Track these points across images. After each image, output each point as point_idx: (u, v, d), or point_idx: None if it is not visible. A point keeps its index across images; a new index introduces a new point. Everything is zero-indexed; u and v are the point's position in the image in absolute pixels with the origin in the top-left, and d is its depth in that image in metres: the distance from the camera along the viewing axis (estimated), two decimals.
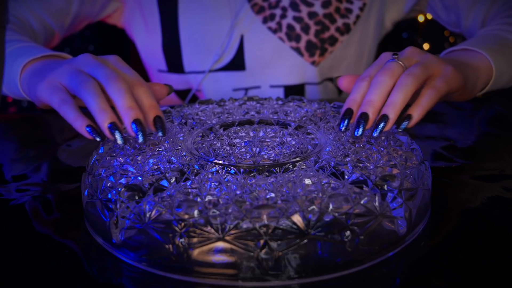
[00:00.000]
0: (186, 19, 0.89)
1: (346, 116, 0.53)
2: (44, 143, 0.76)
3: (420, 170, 0.48)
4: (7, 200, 0.57)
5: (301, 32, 0.89)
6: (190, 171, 0.48)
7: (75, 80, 0.53)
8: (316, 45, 0.89)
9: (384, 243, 0.44)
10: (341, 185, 0.44)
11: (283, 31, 0.89)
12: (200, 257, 0.41)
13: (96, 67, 0.53)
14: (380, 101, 0.53)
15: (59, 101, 0.53)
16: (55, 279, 0.44)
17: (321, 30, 0.89)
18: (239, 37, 0.89)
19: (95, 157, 0.52)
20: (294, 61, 0.90)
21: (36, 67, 0.63)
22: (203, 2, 0.88)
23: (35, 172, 0.65)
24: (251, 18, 0.89)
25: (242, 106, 0.65)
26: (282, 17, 0.89)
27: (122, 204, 0.44)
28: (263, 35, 0.89)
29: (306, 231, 0.40)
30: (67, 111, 0.52)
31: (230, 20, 0.88)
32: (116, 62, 0.56)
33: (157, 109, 0.53)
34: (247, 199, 0.42)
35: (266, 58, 0.90)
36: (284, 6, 0.89)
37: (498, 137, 0.74)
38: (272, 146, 0.52)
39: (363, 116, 0.52)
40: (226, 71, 0.91)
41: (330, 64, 0.92)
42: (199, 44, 0.89)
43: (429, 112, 0.55)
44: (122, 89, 0.51)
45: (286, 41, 0.89)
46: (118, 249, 0.45)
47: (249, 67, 0.91)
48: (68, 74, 0.54)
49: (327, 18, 0.89)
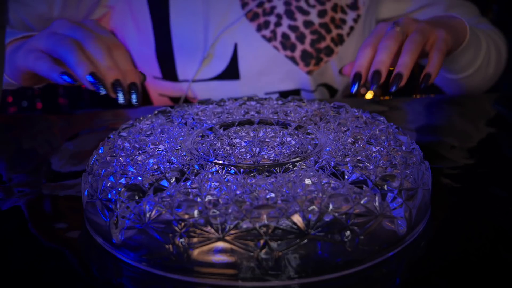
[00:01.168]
0: (178, 27, 0.87)
1: (356, 79, 0.60)
2: (44, 143, 0.76)
3: (420, 170, 0.48)
4: (7, 200, 0.57)
5: (296, 41, 0.88)
6: (190, 171, 0.48)
7: (51, 39, 0.53)
8: (312, 54, 0.88)
9: (384, 243, 0.44)
10: (341, 185, 0.44)
11: (277, 40, 0.88)
12: (200, 257, 0.41)
13: (74, 29, 0.54)
14: (389, 62, 0.60)
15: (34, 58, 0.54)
16: (55, 279, 0.44)
17: (317, 39, 0.88)
18: (233, 45, 0.88)
19: (95, 157, 0.52)
20: (289, 69, 0.89)
21: (16, 45, 0.64)
22: (195, 10, 0.87)
23: (35, 172, 0.65)
24: (245, 26, 0.87)
25: (242, 106, 0.65)
26: (277, 25, 0.87)
27: (122, 204, 0.44)
28: (258, 44, 0.88)
29: (306, 231, 0.40)
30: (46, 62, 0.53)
31: (223, 27, 0.87)
32: (93, 25, 0.56)
33: (134, 74, 0.53)
34: (247, 199, 0.42)
35: (261, 66, 0.89)
36: (279, 13, 0.87)
37: (498, 137, 0.74)
38: (272, 146, 0.52)
39: (376, 74, 0.59)
40: (221, 80, 0.89)
41: (324, 71, 0.91)
42: (192, 52, 0.88)
43: (429, 112, 0.55)
44: (100, 48, 0.51)
45: (281, 50, 0.88)
46: (118, 249, 0.45)
47: (243, 76, 0.89)
48: (44, 37, 0.54)
49: (323, 27, 0.88)
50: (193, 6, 0.86)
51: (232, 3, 0.87)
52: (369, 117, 0.59)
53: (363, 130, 0.55)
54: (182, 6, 0.87)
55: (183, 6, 0.87)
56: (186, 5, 0.87)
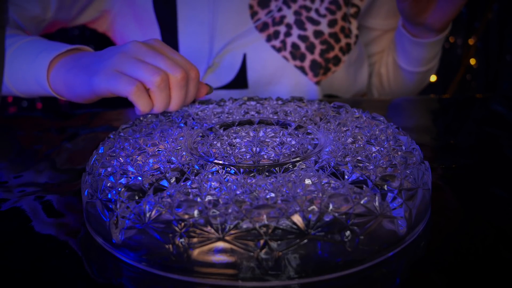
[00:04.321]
0: (185, 36, 0.87)
1: None
2: (44, 143, 0.76)
3: (420, 170, 0.48)
4: (7, 200, 0.57)
5: (306, 51, 0.87)
6: (190, 171, 0.48)
7: (142, 71, 0.54)
8: (321, 64, 0.88)
9: (384, 243, 0.44)
10: (341, 185, 0.44)
11: (287, 50, 0.87)
12: (200, 257, 0.41)
13: (154, 56, 0.56)
14: None
15: (134, 88, 0.54)
16: (55, 279, 0.44)
17: (326, 49, 0.88)
18: (242, 55, 0.88)
19: (95, 157, 0.52)
20: (298, 80, 0.89)
21: (69, 62, 0.62)
22: (203, 20, 0.86)
23: (35, 172, 0.65)
24: (254, 36, 0.87)
25: (242, 106, 0.65)
26: (287, 35, 0.87)
27: (122, 204, 0.44)
28: (267, 54, 0.87)
29: (306, 231, 0.40)
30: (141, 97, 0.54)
31: (231, 38, 0.86)
32: (162, 45, 0.59)
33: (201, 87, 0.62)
34: (247, 199, 0.42)
35: (269, 76, 0.89)
36: (289, 23, 0.87)
37: (498, 137, 0.74)
38: (272, 146, 0.52)
39: None
40: (228, 89, 0.89)
41: (331, 81, 0.91)
42: (199, 61, 0.88)
43: (429, 112, 0.55)
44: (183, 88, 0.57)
45: (290, 60, 0.88)
46: (118, 249, 0.45)
47: (251, 85, 0.89)
48: (131, 63, 0.55)
49: (332, 37, 0.88)
50: (201, 16, 0.86)
51: (242, 13, 0.87)
52: (369, 117, 0.59)
53: (363, 130, 0.55)
54: (190, 15, 0.87)
55: (191, 15, 0.87)
56: (194, 14, 0.86)
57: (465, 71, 1.49)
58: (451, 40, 1.49)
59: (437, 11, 0.80)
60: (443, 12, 0.80)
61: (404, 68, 0.94)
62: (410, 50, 0.90)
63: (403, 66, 0.94)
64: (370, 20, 0.97)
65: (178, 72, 0.55)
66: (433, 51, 0.90)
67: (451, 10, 0.79)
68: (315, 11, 0.88)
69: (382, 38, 1.00)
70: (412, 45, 0.89)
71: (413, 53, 0.91)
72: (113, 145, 0.54)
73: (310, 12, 0.88)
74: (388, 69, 0.98)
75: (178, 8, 0.87)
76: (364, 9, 0.93)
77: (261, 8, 0.87)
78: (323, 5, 0.88)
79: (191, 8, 0.86)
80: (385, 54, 1.00)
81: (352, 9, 0.91)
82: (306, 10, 0.88)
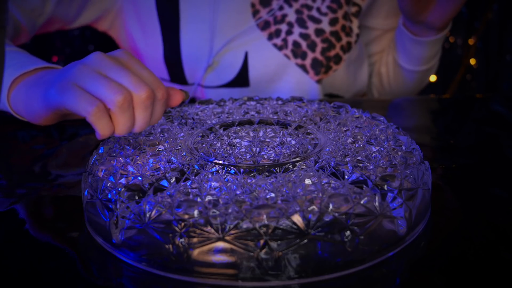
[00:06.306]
0: (187, 34, 0.87)
1: None
2: (44, 143, 0.76)
3: (420, 170, 0.48)
4: (7, 200, 0.57)
5: (307, 49, 0.87)
6: (190, 171, 0.48)
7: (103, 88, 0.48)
8: (322, 63, 0.88)
9: (384, 243, 0.44)
10: (341, 185, 0.44)
11: (288, 48, 0.87)
12: (200, 257, 0.41)
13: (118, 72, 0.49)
14: None
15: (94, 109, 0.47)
16: (55, 279, 0.44)
17: (327, 48, 0.88)
18: (244, 54, 0.88)
19: (95, 157, 0.52)
20: (299, 78, 0.89)
21: (31, 80, 0.58)
22: (204, 18, 0.86)
23: (35, 172, 0.65)
24: (256, 34, 0.87)
25: (242, 106, 0.65)
26: (288, 33, 0.87)
27: (122, 204, 0.44)
28: (268, 52, 0.88)
29: (306, 231, 0.40)
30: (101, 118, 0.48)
31: (232, 36, 0.87)
32: (128, 59, 0.51)
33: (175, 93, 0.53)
34: (247, 199, 0.42)
35: (271, 74, 0.89)
36: (290, 21, 0.87)
37: (498, 137, 0.74)
38: (272, 146, 0.52)
39: None
40: (230, 87, 0.90)
41: (331, 80, 0.91)
42: (199, 59, 0.88)
43: (429, 112, 0.55)
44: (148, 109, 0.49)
45: (292, 58, 0.88)
46: (118, 249, 0.45)
47: (253, 83, 0.89)
48: (91, 78, 0.48)
49: (333, 36, 0.88)
50: (203, 14, 0.86)
51: (243, 12, 0.87)
52: (369, 117, 0.59)
53: (363, 130, 0.55)
54: (192, 14, 0.87)
55: (193, 13, 0.87)
56: (196, 12, 0.86)
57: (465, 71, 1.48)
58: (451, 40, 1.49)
59: (438, 10, 0.80)
60: (444, 11, 0.80)
61: (404, 67, 0.94)
62: (410, 49, 0.90)
63: (403, 65, 0.94)
64: (370, 20, 0.97)
65: (143, 91, 0.48)
66: (433, 50, 0.90)
67: (452, 9, 0.80)
68: (317, 9, 0.88)
69: (382, 38, 1.00)
70: (413, 44, 0.89)
71: (413, 52, 0.91)
72: (113, 145, 0.54)
73: (312, 11, 0.88)
74: (388, 68, 0.98)
75: (181, 6, 0.87)
76: (366, 8, 0.93)
77: (263, 6, 0.87)
78: (324, 4, 0.88)
79: (194, 6, 0.86)
80: (385, 53, 1.00)
81: (354, 8, 0.91)
82: (308, 8, 0.88)
